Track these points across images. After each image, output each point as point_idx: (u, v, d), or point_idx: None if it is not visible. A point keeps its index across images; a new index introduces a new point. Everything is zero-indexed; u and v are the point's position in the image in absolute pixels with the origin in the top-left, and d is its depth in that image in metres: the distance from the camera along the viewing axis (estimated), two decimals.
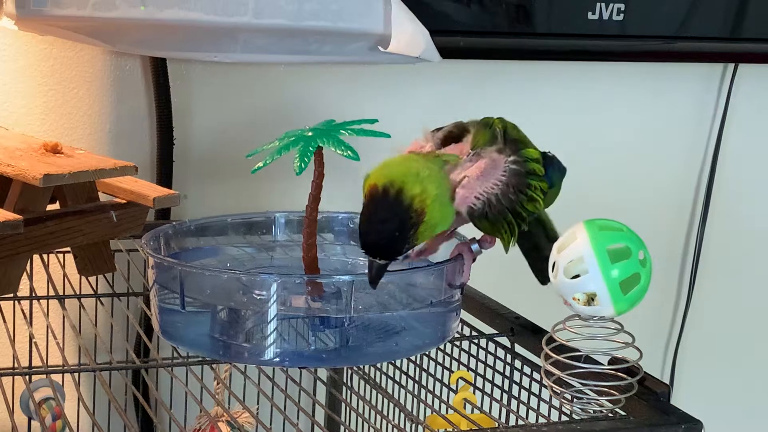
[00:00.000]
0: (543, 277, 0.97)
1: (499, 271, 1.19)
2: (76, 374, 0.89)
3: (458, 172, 0.88)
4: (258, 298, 0.87)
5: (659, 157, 1.62)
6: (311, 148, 0.88)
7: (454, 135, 0.93)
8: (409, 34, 1.24)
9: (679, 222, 1.66)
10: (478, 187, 0.87)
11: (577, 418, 0.83)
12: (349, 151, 0.87)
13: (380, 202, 0.83)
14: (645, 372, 0.85)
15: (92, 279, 1.12)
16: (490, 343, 1.02)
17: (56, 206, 1.08)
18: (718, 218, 1.66)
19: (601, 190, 1.57)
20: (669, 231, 1.65)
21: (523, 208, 0.88)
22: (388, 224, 0.83)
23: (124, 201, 1.10)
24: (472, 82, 1.49)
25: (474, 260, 0.93)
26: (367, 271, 0.84)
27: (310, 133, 0.89)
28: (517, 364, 0.97)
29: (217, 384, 1.08)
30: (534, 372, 0.94)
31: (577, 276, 0.80)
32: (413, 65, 1.31)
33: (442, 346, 1.01)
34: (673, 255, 1.66)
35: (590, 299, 0.80)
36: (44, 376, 1.05)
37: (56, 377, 1.10)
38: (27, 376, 0.89)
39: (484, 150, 0.89)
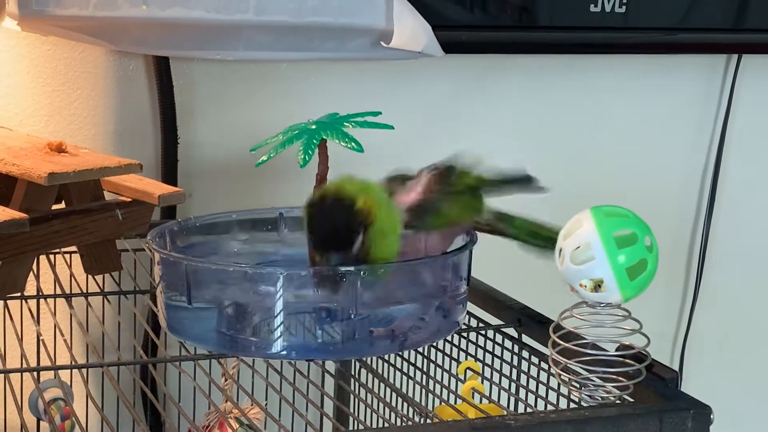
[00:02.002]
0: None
1: (505, 263, 1.19)
2: (84, 372, 0.89)
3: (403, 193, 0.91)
4: (264, 291, 0.87)
5: (664, 150, 1.62)
6: (315, 141, 0.88)
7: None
8: (412, 29, 1.24)
9: (686, 213, 1.66)
10: (406, 197, 0.91)
11: (585, 405, 0.83)
12: (353, 143, 0.87)
13: (322, 205, 0.85)
14: (653, 359, 0.84)
15: (99, 278, 1.12)
16: (497, 334, 1.02)
17: (62, 206, 1.08)
18: (724, 209, 1.66)
19: (606, 183, 1.57)
20: (675, 222, 1.65)
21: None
22: (333, 218, 0.85)
23: (130, 199, 1.11)
24: (475, 77, 1.49)
25: None
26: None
27: (313, 126, 0.89)
28: (525, 354, 0.97)
29: (225, 379, 1.08)
30: (542, 362, 0.94)
31: (584, 262, 0.80)
32: (416, 60, 1.31)
33: (449, 338, 1.01)
34: (680, 246, 1.66)
35: (597, 286, 0.80)
36: (53, 374, 1.05)
37: (65, 376, 1.09)
38: (36, 375, 0.89)
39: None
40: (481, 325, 1.03)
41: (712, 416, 0.80)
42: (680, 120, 1.62)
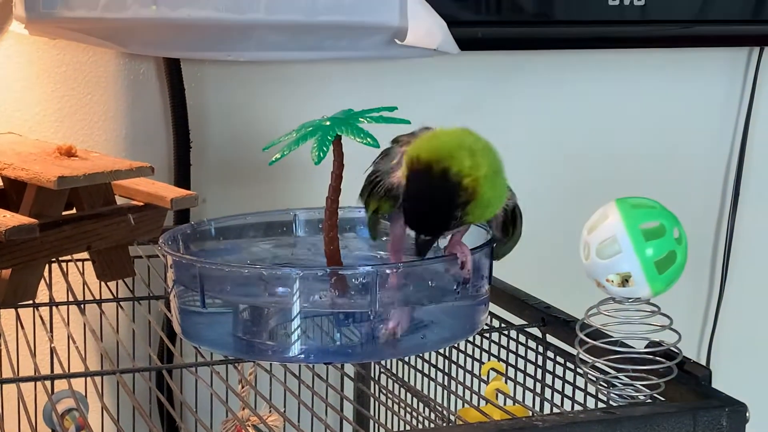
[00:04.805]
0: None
1: (527, 262, 1.17)
2: (98, 381, 0.87)
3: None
4: (280, 293, 0.84)
5: (687, 145, 1.60)
6: (329, 138, 0.85)
7: None
8: (426, 26, 1.22)
9: (710, 208, 1.64)
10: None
11: (614, 404, 0.80)
12: (368, 139, 0.85)
13: (425, 179, 0.80)
14: (684, 356, 0.82)
15: (112, 285, 1.11)
16: (520, 334, 0.99)
17: (73, 212, 1.06)
18: (749, 203, 1.64)
19: (626, 179, 1.55)
20: (699, 218, 1.63)
21: None
22: (434, 202, 0.80)
23: (142, 203, 1.09)
24: (491, 74, 1.47)
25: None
26: (414, 245, 0.83)
27: (328, 123, 0.87)
28: (550, 354, 0.95)
29: (242, 386, 1.05)
30: (567, 361, 0.92)
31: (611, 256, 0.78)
32: (431, 58, 1.29)
33: (471, 339, 0.99)
34: (704, 242, 1.64)
35: (624, 280, 0.78)
36: (66, 383, 1.03)
37: (79, 386, 1.08)
38: (50, 385, 0.87)
39: None
40: (503, 325, 1.01)
41: (748, 414, 0.78)
42: (702, 114, 1.60)
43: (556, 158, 1.52)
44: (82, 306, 1.03)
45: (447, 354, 1.02)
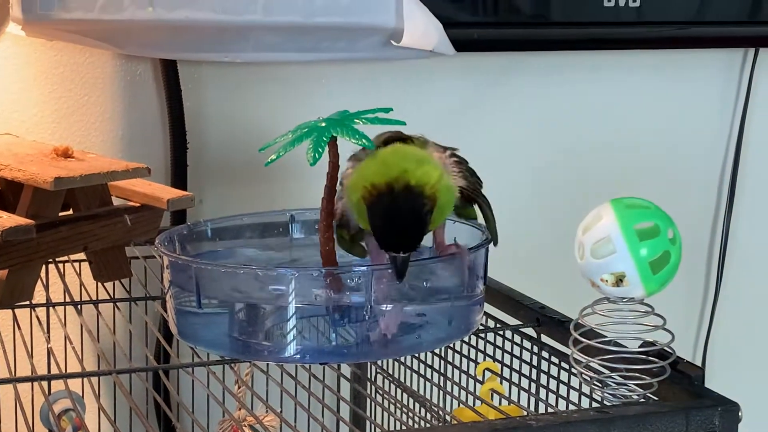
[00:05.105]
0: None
1: (521, 263, 1.17)
2: (95, 382, 0.87)
3: None
4: (276, 293, 0.85)
5: (682, 146, 1.60)
6: (325, 138, 0.86)
7: None
8: (422, 28, 1.22)
9: (705, 209, 1.64)
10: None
11: (608, 404, 0.81)
12: (363, 140, 0.85)
13: (389, 199, 0.81)
14: (677, 356, 0.82)
15: (108, 286, 1.11)
16: (515, 334, 0.99)
17: (69, 213, 1.06)
18: (745, 204, 1.64)
19: (623, 179, 1.55)
20: (695, 219, 1.63)
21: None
22: (406, 218, 0.81)
23: (138, 204, 1.09)
24: (487, 75, 1.47)
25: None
26: (391, 267, 0.82)
27: (323, 124, 0.87)
28: (544, 354, 0.95)
29: (239, 386, 1.06)
30: (562, 361, 0.92)
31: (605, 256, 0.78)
32: (427, 60, 1.29)
33: (466, 339, 0.99)
34: (700, 242, 1.64)
35: (619, 280, 0.78)
36: (63, 384, 1.03)
37: (76, 386, 1.08)
38: (47, 385, 0.87)
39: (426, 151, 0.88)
40: (498, 325, 1.01)
41: (740, 413, 0.78)
42: (698, 115, 1.60)
43: (550, 159, 1.53)
44: (79, 307, 1.03)
45: (442, 354, 1.02)
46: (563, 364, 0.92)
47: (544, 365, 0.94)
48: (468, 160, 0.91)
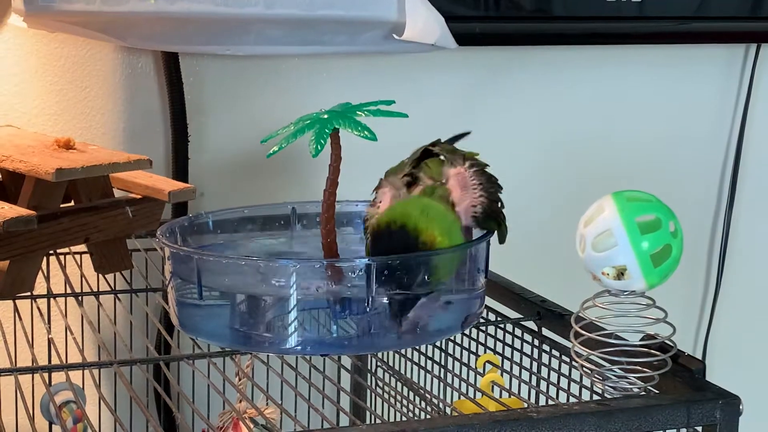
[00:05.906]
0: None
1: (523, 256, 1.17)
2: (96, 373, 0.87)
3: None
4: (277, 285, 0.85)
5: (683, 141, 1.60)
6: (327, 130, 0.86)
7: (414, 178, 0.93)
8: (424, 21, 1.22)
9: (707, 204, 1.64)
10: (467, 198, 0.89)
11: (608, 396, 0.81)
12: (366, 132, 0.85)
13: (386, 237, 0.84)
14: (678, 349, 0.82)
15: (109, 278, 1.11)
16: (516, 327, 1.00)
17: (71, 204, 1.06)
18: (746, 199, 1.64)
19: (624, 173, 1.55)
20: (696, 212, 1.63)
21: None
22: (396, 250, 0.83)
23: (139, 196, 1.09)
24: (489, 69, 1.47)
25: None
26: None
27: (325, 116, 0.87)
28: (545, 347, 0.95)
29: (240, 377, 1.06)
30: (563, 354, 0.92)
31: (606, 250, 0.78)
32: (429, 53, 1.29)
33: (468, 332, 0.99)
34: (702, 236, 1.64)
35: (620, 273, 0.78)
36: (63, 375, 1.03)
37: (77, 378, 1.08)
38: (47, 376, 0.87)
39: (443, 175, 0.91)
40: (499, 318, 1.01)
41: (741, 406, 0.78)
42: (699, 111, 1.60)
43: (552, 153, 1.53)
44: (80, 298, 1.03)
45: (443, 347, 1.02)
46: (564, 357, 0.92)
47: (545, 358, 0.94)
48: (488, 163, 0.92)
